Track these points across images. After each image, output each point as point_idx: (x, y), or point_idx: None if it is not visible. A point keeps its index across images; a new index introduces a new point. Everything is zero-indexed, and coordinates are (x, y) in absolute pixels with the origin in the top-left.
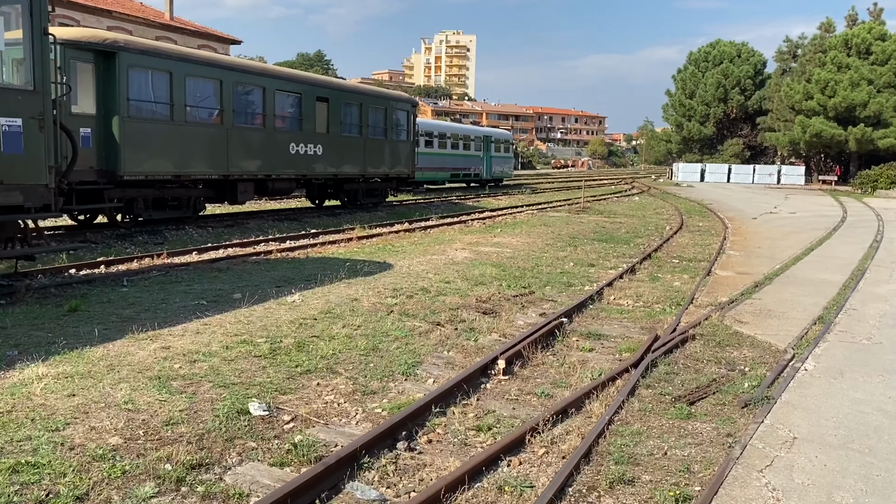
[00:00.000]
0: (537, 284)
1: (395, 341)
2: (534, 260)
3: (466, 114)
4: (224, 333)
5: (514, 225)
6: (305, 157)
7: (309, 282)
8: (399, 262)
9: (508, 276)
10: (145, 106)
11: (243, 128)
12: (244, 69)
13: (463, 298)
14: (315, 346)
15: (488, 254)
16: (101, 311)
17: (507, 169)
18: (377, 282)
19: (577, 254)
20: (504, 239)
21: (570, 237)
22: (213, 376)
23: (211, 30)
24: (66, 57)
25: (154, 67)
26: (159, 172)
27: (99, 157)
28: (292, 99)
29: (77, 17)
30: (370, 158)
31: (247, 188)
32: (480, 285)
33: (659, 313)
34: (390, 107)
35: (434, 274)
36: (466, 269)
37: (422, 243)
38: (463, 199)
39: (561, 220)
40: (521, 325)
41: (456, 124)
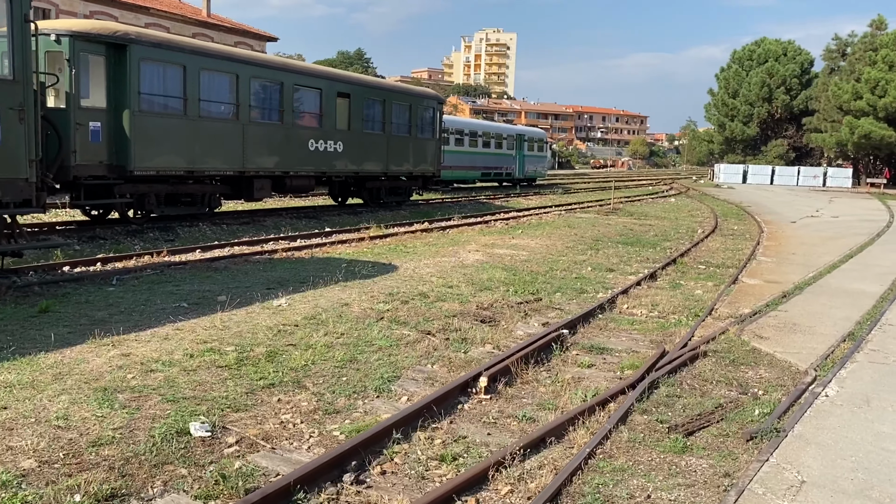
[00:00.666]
0: (547, 291)
1: (376, 352)
2: (549, 264)
3: (505, 112)
4: (193, 340)
5: (538, 226)
6: (325, 154)
7: (303, 284)
8: (405, 263)
9: (518, 280)
10: (157, 100)
11: (260, 123)
12: (261, 63)
13: (463, 305)
14: (288, 356)
15: (502, 256)
16: (74, 313)
17: (541, 168)
18: (375, 285)
19: (598, 258)
20: (522, 241)
21: (594, 240)
22: (165, 389)
23: (247, 27)
24: (76, 49)
25: (167, 61)
26: (171, 168)
27: (109, 151)
28: (312, 94)
29: (115, 14)
30: (393, 156)
31: (263, 185)
32: (485, 290)
33: (673, 325)
34: (415, 103)
35: (438, 277)
36: (474, 273)
37: (436, 244)
38: (491, 199)
39: (587, 222)
40: (521, 335)
41: (487, 122)
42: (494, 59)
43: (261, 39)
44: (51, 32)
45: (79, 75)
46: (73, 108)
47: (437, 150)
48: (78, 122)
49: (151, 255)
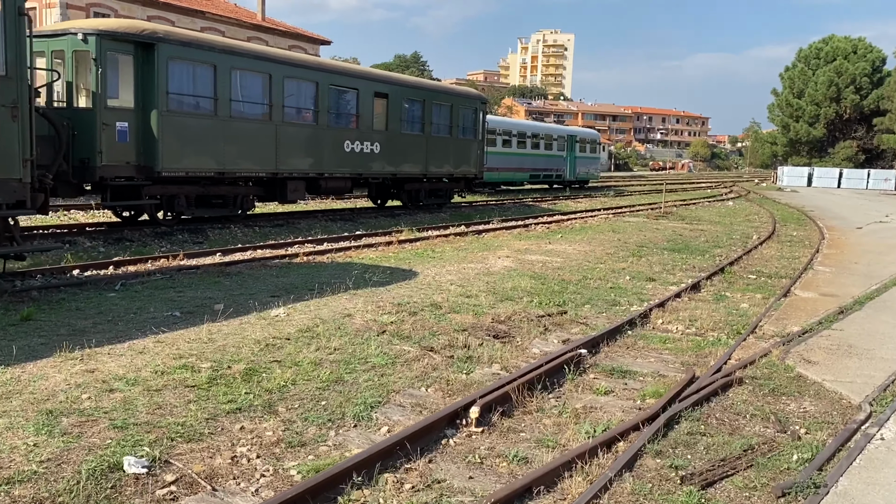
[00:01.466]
0: (575, 302)
1: (368, 371)
2: (583, 272)
3: (561, 114)
4: (170, 354)
5: (580, 230)
6: (361, 155)
7: (310, 292)
8: (427, 269)
9: (545, 290)
10: (186, 100)
11: (294, 124)
12: (295, 63)
13: (477, 317)
14: (268, 375)
15: (533, 263)
16: (57, 322)
17: (594, 170)
18: (386, 293)
19: (639, 265)
20: (559, 246)
21: (638, 245)
22: (118, 412)
23: (301, 30)
24: (103, 49)
25: (196, 60)
26: (201, 169)
27: (137, 152)
28: (348, 94)
29: (172, 18)
30: (433, 157)
31: (297, 187)
32: (506, 301)
33: (710, 344)
34: (456, 104)
35: (458, 286)
36: (498, 281)
37: (466, 249)
38: (538, 202)
39: (634, 227)
40: (536, 354)
41: (537, 123)
42: (551, 60)
43: (314, 43)
44: (77, 31)
45: (105, 75)
46: (100, 108)
47: (480, 151)
48: (104, 123)
49: (168, 259)
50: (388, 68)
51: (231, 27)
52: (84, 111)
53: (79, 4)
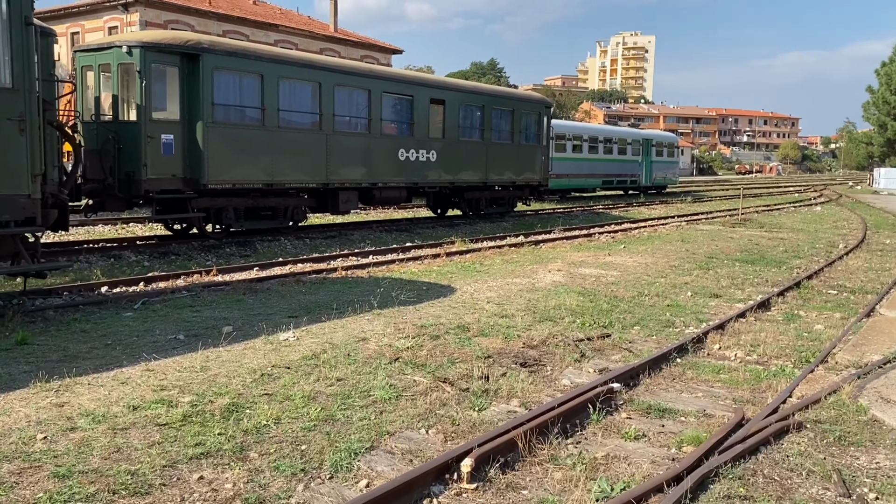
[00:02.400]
0: (623, 323)
1: (366, 407)
2: (640, 287)
3: (642, 117)
4: (153, 386)
5: (646, 240)
6: (416, 163)
7: (332, 311)
8: (467, 285)
9: (592, 309)
10: (233, 110)
11: (345, 133)
12: (346, 70)
13: (507, 341)
14: (251, 412)
15: (585, 277)
16: (52, 346)
17: (671, 175)
18: (413, 314)
19: (704, 280)
20: (619, 258)
21: (707, 257)
22: (69, 456)
23: (373, 40)
24: (147, 61)
25: (243, 70)
26: (249, 181)
27: (183, 164)
28: (402, 101)
29: (246, 32)
30: (493, 165)
31: (349, 197)
32: (545, 322)
33: (772, 375)
34: (518, 108)
35: (495, 304)
36: (542, 298)
37: (517, 261)
38: (609, 209)
39: (707, 235)
40: (566, 385)
41: (609, 127)
42: (632, 63)
43: (386, 52)
44: (122, 44)
45: (150, 87)
46: (144, 120)
47: (545, 157)
48: (149, 135)
49: (200, 274)
50: (465, 76)
51: (304, 39)
52: (129, 124)
53: (157, 22)
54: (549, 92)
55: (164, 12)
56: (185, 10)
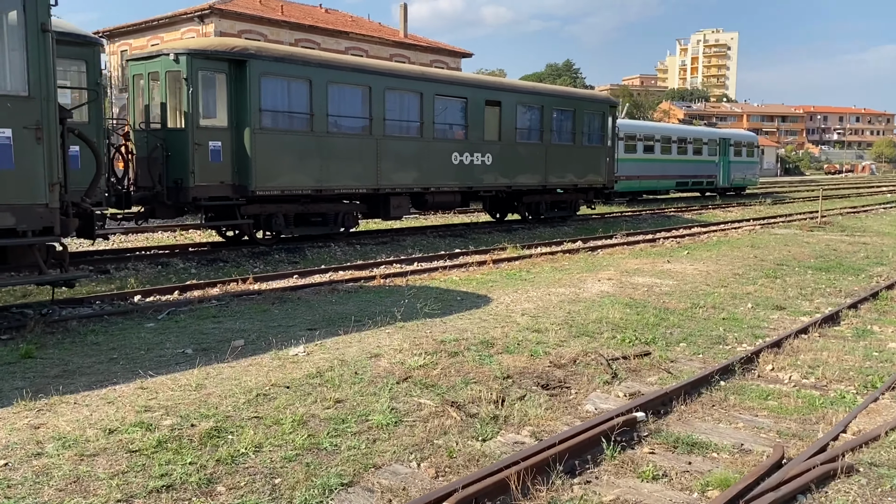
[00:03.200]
0: (669, 339)
1: (360, 434)
2: (696, 297)
3: (723, 116)
4: (139, 406)
5: (713, 245)
6: (471, 167)
7: (355, 324)
8: (505, 295)
9: (637, 323)
10: (281, 116)
11: (396, 137)
12: (396, 74)
13: (533, 359)
14: (234, 437)
15: (637, 287)
16: (57, 359)
17: (751, 175)
18: (438, 327)
19: (769, 289)
20: (678, 265)
21: (777, 264)
22: (22, 488)
23: (443, 44)
24: (194, 68)
25: (291, 75)
26: (297, 187)
27: (231, 171)
28: (455, 104)
29: (317, 41)
30: (553, 167)
31: (401, 203)
32: (582, 337)
33: (829, 403)
34: (580, 108)
35: (531, 316)
36: (584, 310)
37: (567, 269)
38: (681, 212)
39: (780, 240)
40: (590, 412)
41: (683, 126)
42: (713, 60)
43: (455, 56)
44: (170, 52)
45: (197, 94)
46: (192, 127)
47: (609, 158)
48: (196, 142)
49: (237, 283)
50: (539, 78)
51: (374, 45)
52: (177, 131)
53: (231, 32)
54: (625, 91)
55: (238, 22)
56: (259, 20)
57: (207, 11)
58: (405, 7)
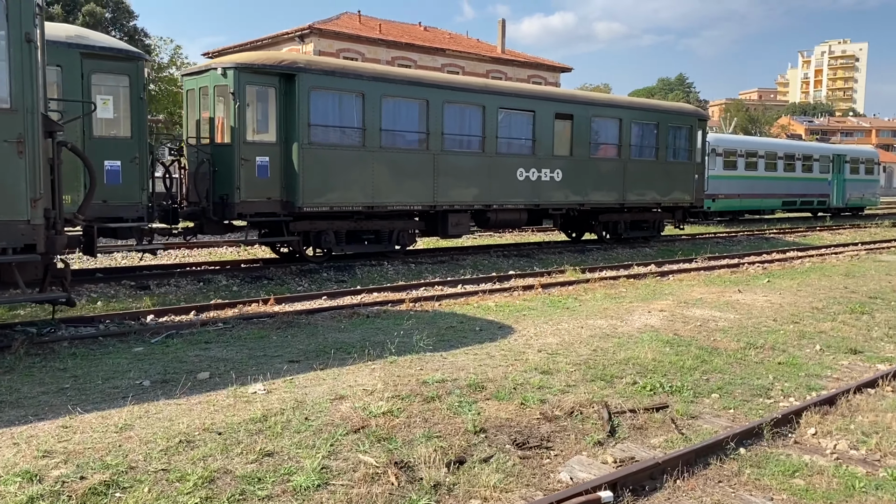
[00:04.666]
0: (700, 388)
1: (271, 499)
2: (755, 336)
3: (850, 131)
4: (41, 449)
5: (803, 272)
6: (538, 183)
7: (344, 356)
8: (532, 326)
9: (671, 366)
10: (332, 132)
11: (455, 153)
12: (456, 87)
13: (522, 409)
14: (123, 496)
15: (689, 321)
16: (4, 387)
17: (869, 194)
18: (428, 364)
19: (849, 327)
20: (751, 296)
21: (869, 297)
22: None
23: (540, 59)
24: (241, 82)
25: (342, 89)
26: (347, 203)
27: (280, 187)
28: (521, 118)
29: (414, 58)
30: (632, 184)
31: (460, 220)
32: (596, 381)
33: (875, 487)
34: (664, 122)
35: (547, 353)
36: (614, 348)
37: (621, 296)
38: (783, 233)
39: (884, 268)
40: (562, 483)
41: (790, 141)
42: (839, 73)
43: (554, 71)
44: (217, 66)
45: (243, 108)
46: (238, 142)
47: (698, 175)
48: (243, 158)
49: (258, 304)
50: (651, 92)
51: (471, 62)
52: (223, 147)
53: (330, 51)
54: (738, 106)
55: (336, 42)
56: (356, 39)
57: (307, 31)
58: (503, 23)
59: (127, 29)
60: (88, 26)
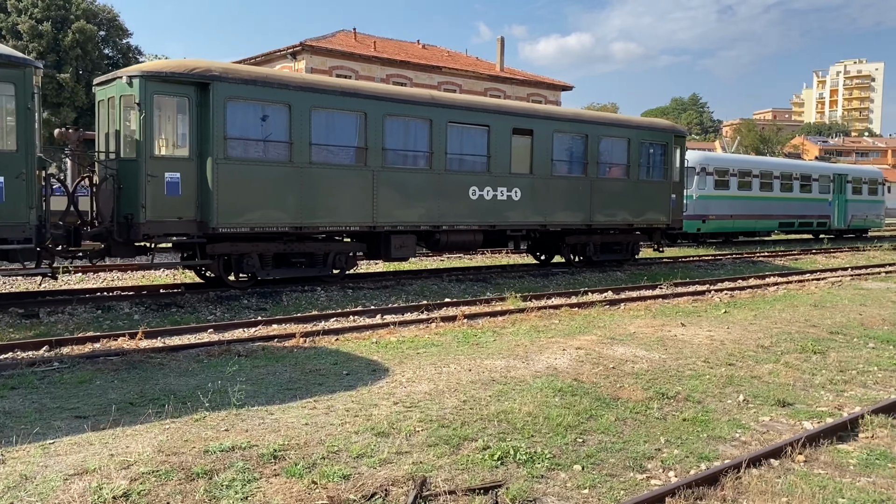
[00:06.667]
0: (564, 455)
1: None
2: (671, 383)
3: (865, 152)
4: None
5: (768, 302)
6: (494, 203)
7: (133, 413)
8: (409, 370)
9: (547, 424)
10: (253, 146)
11: (398, 169)
12: (400, 99)
13: (312, 488)
14: None
15: (604, 361)
16: None
17: (873, 216)
18: (237, 422)
19: (793, 371)
20: (691, 331)
21: (831, 331)
22: None
23: (540, 77)
24: (147, 91)
25: (265, 99)
26: (271, 224)
27: (195, 206)
28: (474, 133)
29: (410, 76)
30: (600, 204)
31: (405, 242)
32: (439, 446)
33: None
34: (635, 138)
35: (404, 407)
36: (491, 399)
37: (546, 330)
38: (774, 256)
39: (861, 297)
40: None
41: (788, 160)
42: (855, 93)
43: (555, 89)
44: (123, 75)
45: (150, 120)
46: (144, 157)
47: (677, 195)
48: (150, 174)
49: (126, 338)
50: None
51: (468, 80)
52: (129, 161)
53: (322, 68)
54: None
55: (330, 59)
56: (350, 56)
57: (299, 49)
58: (502, 40)
59: (120, 47)
60: (79, 44)
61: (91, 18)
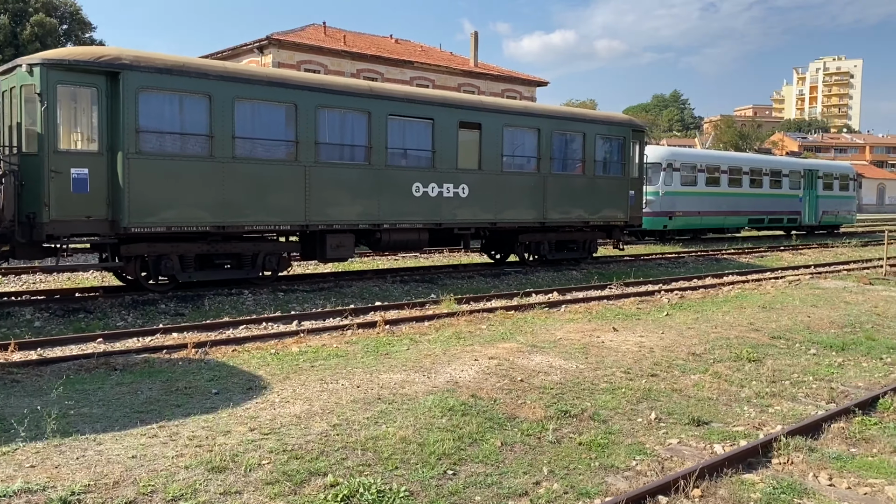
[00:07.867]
0: (425, 491)
1: None
2: (583, 397)
3: (843, 148)
4: None
5: (715, 304)
6: (439, 200)
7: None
8: (291, 386)
9: (420, 451)
10: (168, 139)
11: (333, 164)
12: (334, 89)
13: None
14: None
15: (513, 372)
16: None
17: (845, 212)
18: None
19: (721, 382)
20: (621, 336)
21: (773, 336)
22: None
23: (515, 73)
24: (50, 81)
25: (182, 90)
26: (190, 223)
27: (106, 204)
28: (418, 126)
29: (381, 70)
30: (553, 201)
31: (342, 242)
32: (281, 483)
33: None
34: (590, 132)
35: (261, 434)
36: (366, 422)
37: (469, 336)
38: (741, 254)
39: (814, 298)
40: None
41: (756, 156)
42: (834, 89)
43: (530, 85)
44: (22, 63)
45: (53, 112)
46: (47, 151)
47: (635, 191)
48: (53, 169)
49: None
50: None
51: (441, 75)
52: (30, 157)
53: (290, 62)
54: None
55: (297, 53)
56: (318, 51)
57: (266, 42)
58: (476, 35)
59: (83, 41)
60: (38, 38)
61: (51, 12)
